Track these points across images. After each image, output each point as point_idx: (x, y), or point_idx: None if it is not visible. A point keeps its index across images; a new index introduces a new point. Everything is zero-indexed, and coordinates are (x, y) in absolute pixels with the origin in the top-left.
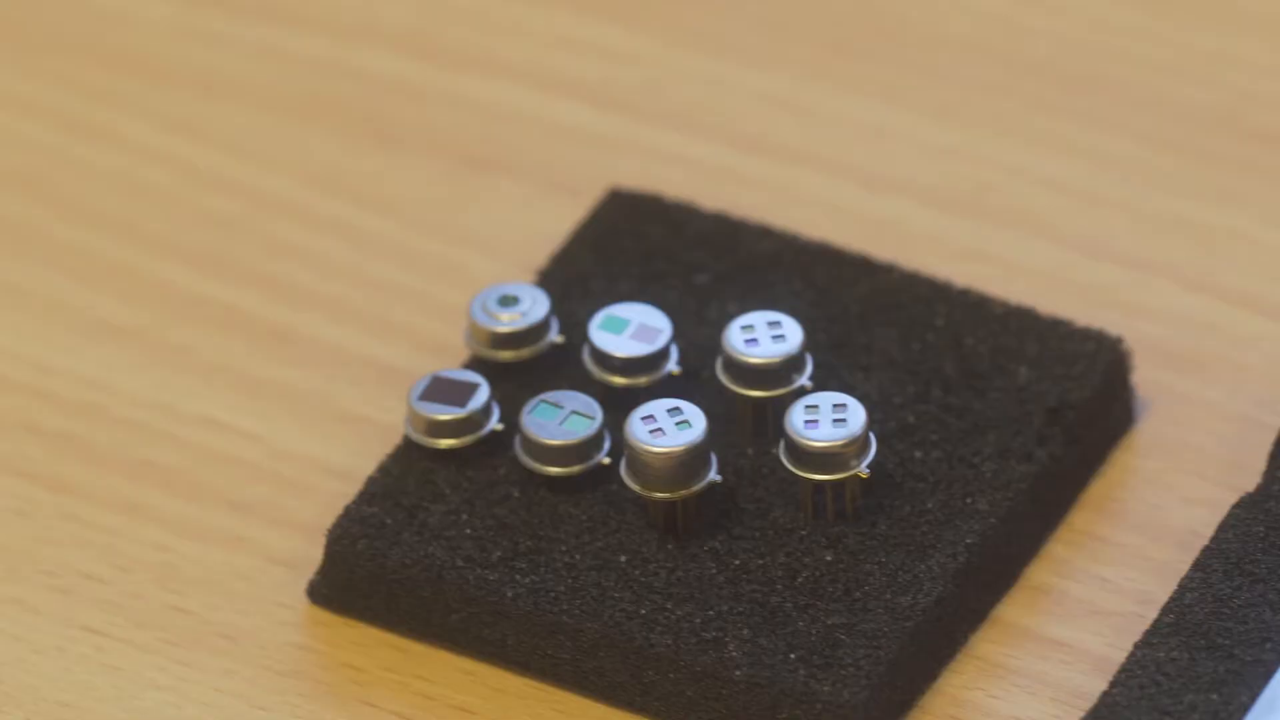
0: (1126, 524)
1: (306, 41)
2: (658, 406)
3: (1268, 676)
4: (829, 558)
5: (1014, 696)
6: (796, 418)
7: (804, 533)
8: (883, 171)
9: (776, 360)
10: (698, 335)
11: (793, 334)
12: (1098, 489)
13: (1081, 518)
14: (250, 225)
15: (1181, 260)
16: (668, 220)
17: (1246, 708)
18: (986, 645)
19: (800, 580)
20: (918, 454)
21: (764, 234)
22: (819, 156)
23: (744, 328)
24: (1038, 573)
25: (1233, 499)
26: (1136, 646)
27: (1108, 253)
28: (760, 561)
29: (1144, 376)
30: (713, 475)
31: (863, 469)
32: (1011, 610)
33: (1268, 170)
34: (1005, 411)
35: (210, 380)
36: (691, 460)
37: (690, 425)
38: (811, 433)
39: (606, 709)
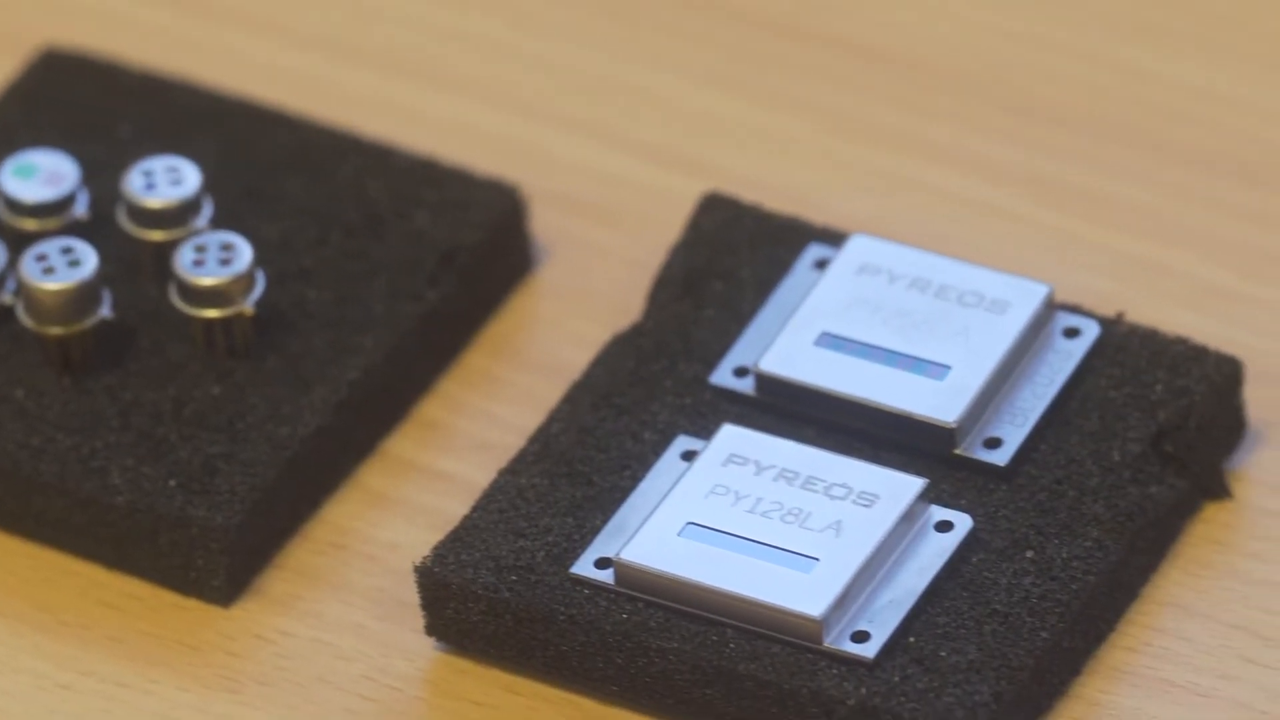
0: (519, 363)
1: None
2: (52, 246)
3: (622, 501)
4: (216, 391)
5: (392, 524)
6: (185, 257)
7: (195, 369)
8: (319, 33)
9: (173, 204)
10: (115, 185)
11: (190, 178)
12: (494, 330)
13: (476, 357)
14: None
15: (602, 118)
16: (97, 77)
17: (599, 530)
18: (372, 477)
19: (187, 413)
20: (312, 294)
21: (190, 91)
22: (272, 23)
23: (144, 173)
24: (429, 409)
25: None
26: (500, 473)
27: (533, 111)
28: (151, 396)
29: (550, 225)
30: (104, 312)
31: (249, 306)
32: (400, 444)
33: (694, 33)
34: (401, 255)
35: None
36: (81, 297)
37: (81, 264)
38: (198, 271)
39: (3, 537)
